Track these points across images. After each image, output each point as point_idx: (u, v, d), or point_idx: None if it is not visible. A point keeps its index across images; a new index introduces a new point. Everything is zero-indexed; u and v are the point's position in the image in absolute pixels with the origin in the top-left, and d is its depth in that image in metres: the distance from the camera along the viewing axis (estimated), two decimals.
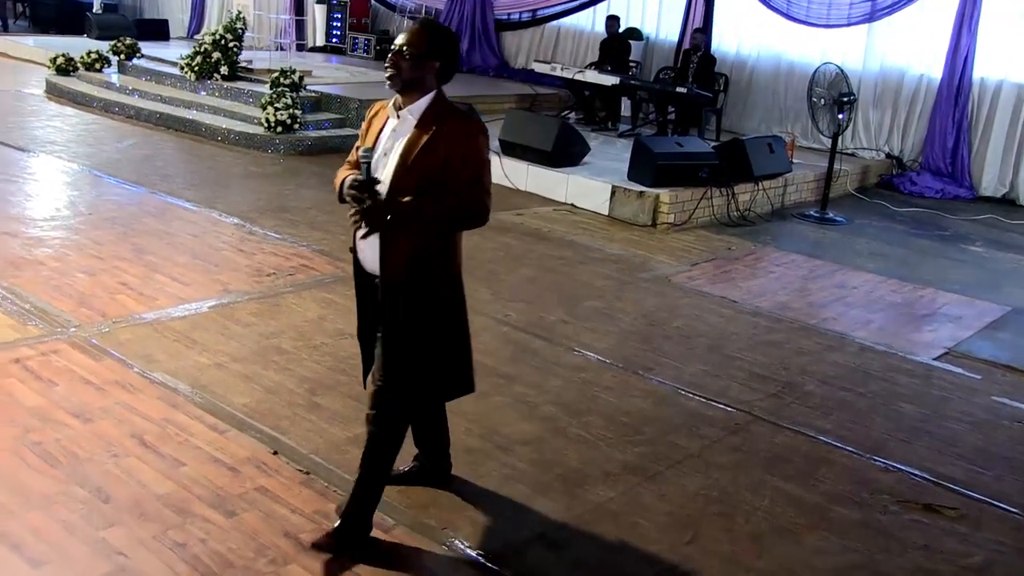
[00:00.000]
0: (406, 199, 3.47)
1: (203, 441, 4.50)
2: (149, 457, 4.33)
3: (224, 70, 13.03)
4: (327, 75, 14.16)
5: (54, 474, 4.13)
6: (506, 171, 10.36)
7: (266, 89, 12.11)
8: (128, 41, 14.99)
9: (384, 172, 3.56)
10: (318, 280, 6.85)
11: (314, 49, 18.12)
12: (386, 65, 3.55)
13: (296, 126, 11.39)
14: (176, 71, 13.64)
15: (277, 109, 11.32)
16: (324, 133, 11.73)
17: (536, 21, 16.43)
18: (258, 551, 3.73)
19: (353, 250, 3.77)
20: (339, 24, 17.96)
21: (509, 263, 7.77)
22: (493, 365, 5.69)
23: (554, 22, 16.15)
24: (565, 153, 10.28)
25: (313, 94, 12.45)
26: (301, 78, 12.28)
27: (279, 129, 11.29)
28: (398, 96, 3.58)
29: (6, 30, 20.83)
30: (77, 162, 10.03)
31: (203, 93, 13.04)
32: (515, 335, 6.24)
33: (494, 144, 10.67)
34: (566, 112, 13.56)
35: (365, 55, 17.23)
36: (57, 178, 9.47)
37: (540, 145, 10.27)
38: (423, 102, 3.55)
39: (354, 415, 4.87)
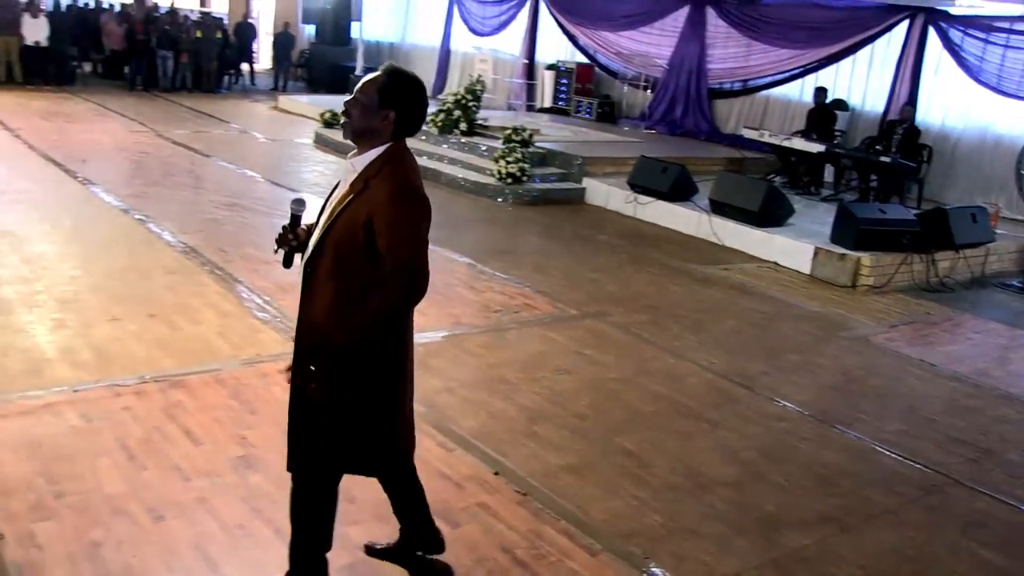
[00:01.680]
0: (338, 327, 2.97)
1: (433, 456, 4.61)
2: None
3: (463, 126, 13.50)
4: (553, 134, 14.39)
5: None
6: (714, 228, 10.22)
7: (499, 144, 12.43)
8: None
9: (321, 223, 3.10)
10: (539, 319, 6.93)
11: (542, 110, 18.46)
12: (340, 112, 3.12)
13: (524, 178, 11.62)
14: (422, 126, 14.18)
15: (508, 162, 11.58)
16: (549, 186, 11.91)
17: (747, 91, 16.18)
18: (477, 561, 3.77)
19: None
20: (565, 88, 18.25)
21: (714, 314, 7.62)
22: (697, 409, 5.58)
23: (764, 92, 15.87)
24: (771, 214, 10.04)
25: (540, 150, 12.66)
26: (531, 135, 12.53)
27: (509, 180, 11.54)
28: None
29: (285, 90, 22.28)
30: None
31: (444, 146, 13.51)
32: (718, 382, 6.10)
33: (704, 202, 10.55)
34: (772, 175, 13.24)
35: (588, 117, 17.44)
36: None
37: (747, 205, 10.07)
38: (371, 154, 3.03)
39: (568, 445, 4.89)
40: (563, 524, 4.11)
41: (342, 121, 3.08)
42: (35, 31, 19.54)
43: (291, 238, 3.19)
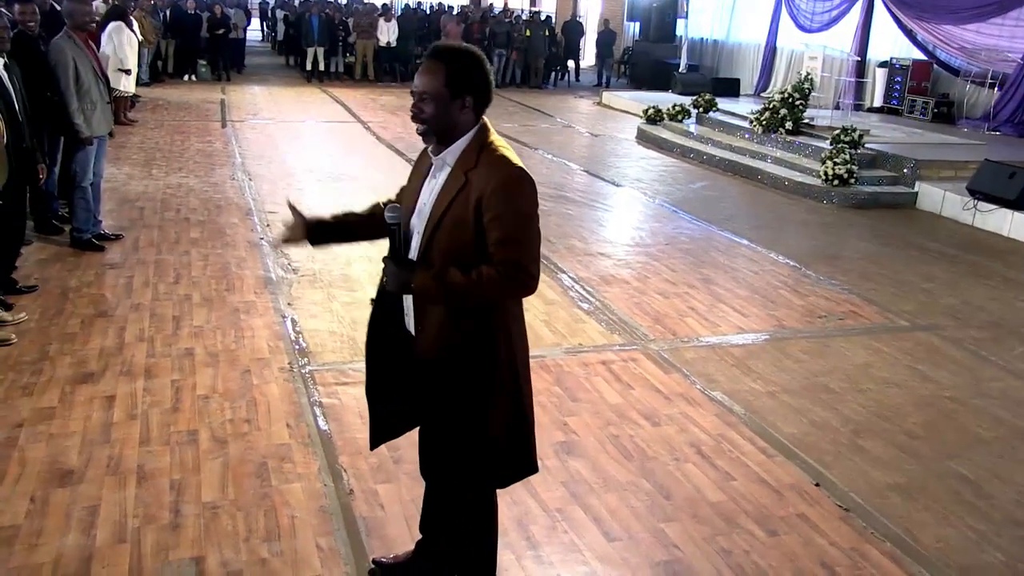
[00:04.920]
0: (430, 273, 2.69)
1: (753, 461, 4.47)
2: (704, 466, 4.40)
3: (789, 125, 13.01)
4: (884, 135, 13.51)
5: (627, 465, 4.35)
6: None
7: (826, 145, 11.87)
8: (707, 96, 15.56)
9: (420, 227, 2.80)
10: (867, 328, 6.53)
11: (870, 110, 17.42)
12: (411, 117, 2.76)
13: (852, 180, 11.01)
14: (745, 124, 13.88)
15: (836, 164, 11.03)
16: (877, 189, 11.20)
17: None
18: (795, 574, 3.61)
19: (375, 301, 3.03)
20: (899, 87, 17.10)
21: None
22: None
23: None
24: None
25: (870, 152, 11.93)
26: (861, 136, 11.84)
27: (835, 182, 10.99)
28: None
29: (608, 86, 22.64)
30: (658, 198, 10.59)
31: (768, 145, 13.11)
32: None
33: None
34: None
35: (922, 117, 16.24)
36: (641, 210, 10.05)
37: None
38: (460, 144, 2.73)
39: (896, 463, 4.57)
40: (888, 547, 3.84)
41: (417, 129, 2.75)
42: (386, 33, 21.23)
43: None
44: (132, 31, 12.29)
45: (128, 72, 12.08)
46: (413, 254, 2.81)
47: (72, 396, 4.72)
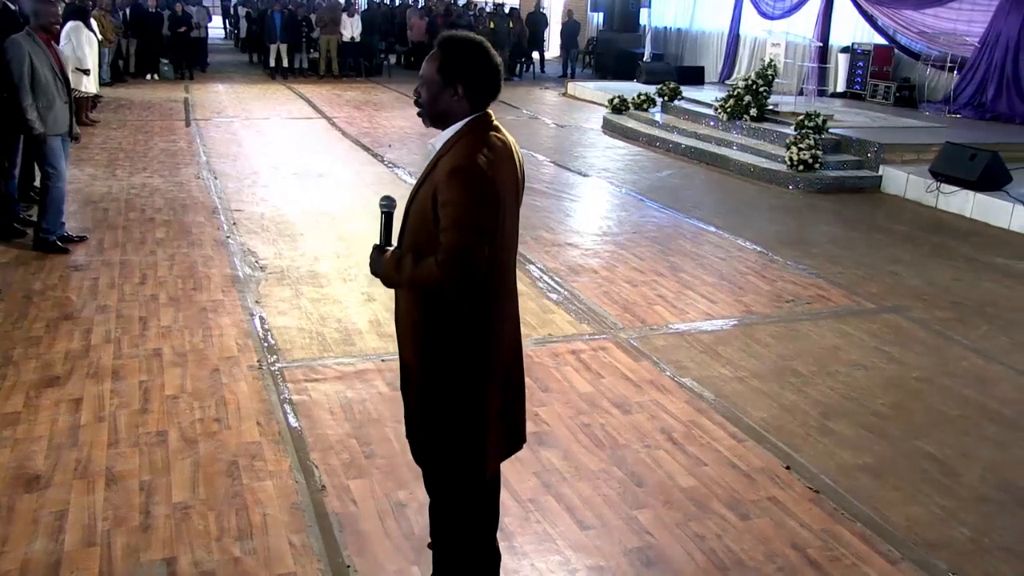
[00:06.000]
0: (391, 258, 2.74)
1: (723, 446, 4.50)
2: (676, 452, 4.42)
3: (753, 112, 13.08)
4: (847, 119, 13.63)
5: (599, 453, 4.36)
6: None
7: (790, 130, 11.95)
8: (672, 85, 15.61)
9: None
10: (834, 311, 6.58)
11: (834, 95, 17.56)
12: (413, 101, 2.82)
13: (817, 165, 11.09)
14: (711, 111, 13.94)
15: (800, 149, 11.11)
16: (842, 173, 11.29)
17: None
18: (768, 556, 3.63)
19: None
20: (861, 72, 17.25)
21: None
22: (1012, 416, 5.07)
23: None
24: None
25: (834, 137, 12.03)
26: (824, 121, 11.92)
27: (800, 168, 11.07)
28: None
29: (573, 77, 22.65)
30: (624, 187, 10.61)
31: (734, 132, 13.18)
32: None
33: (1019, 192, 9.62)
34: None
35: (884, 101, 16.39)
36: (608, 199, 10.07)
37: None
38: (448, 132, 2.71)
39: (865, 444, 4.61)
40: (859, 527, 3.88)
41: (417, 111, 2.79)
42: (350, 28, 21.12)
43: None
44: (91, 30, 12.14)
45: (87, 72, 11.92)
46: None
47: (38, 400, 4.67)
